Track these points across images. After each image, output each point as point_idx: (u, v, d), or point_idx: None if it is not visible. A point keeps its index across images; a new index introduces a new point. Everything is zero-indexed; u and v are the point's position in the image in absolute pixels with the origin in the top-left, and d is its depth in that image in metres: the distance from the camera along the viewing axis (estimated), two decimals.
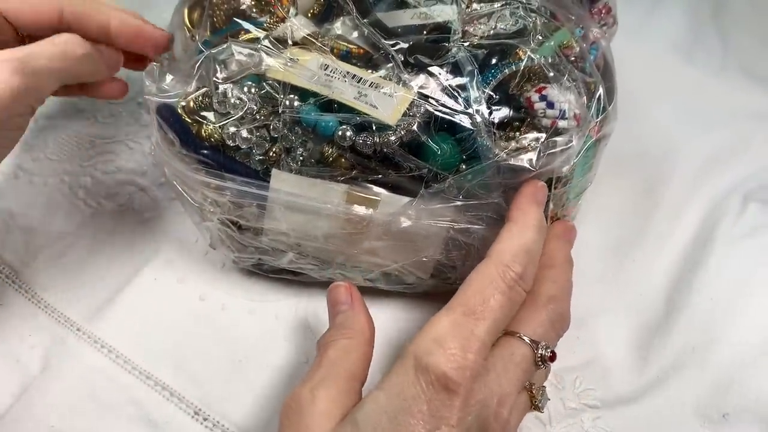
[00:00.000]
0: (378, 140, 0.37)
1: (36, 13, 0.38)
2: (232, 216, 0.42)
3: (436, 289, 0.49)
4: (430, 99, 0.38)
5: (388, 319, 0.49)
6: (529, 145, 0.38)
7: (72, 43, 0.39)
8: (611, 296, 0.52)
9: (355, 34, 0.42)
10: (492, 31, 0.41)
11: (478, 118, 0.37)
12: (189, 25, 0.44)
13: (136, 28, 0.41)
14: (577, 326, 0.50)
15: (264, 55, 0.39)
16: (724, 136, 0.63)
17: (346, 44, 0.40)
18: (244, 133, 0.38)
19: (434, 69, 0.39)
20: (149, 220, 0.53)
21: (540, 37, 0.41)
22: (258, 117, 0.38)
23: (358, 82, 0.38)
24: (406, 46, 0.40)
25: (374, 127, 0.37)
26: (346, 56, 0.40)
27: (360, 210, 0.39)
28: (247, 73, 0.38)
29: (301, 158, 0.38)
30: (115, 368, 0.45)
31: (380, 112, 0.37)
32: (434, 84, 0.38)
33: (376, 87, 0.38)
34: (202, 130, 0.39)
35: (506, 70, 0.39)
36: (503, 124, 0.38)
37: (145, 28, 0.42)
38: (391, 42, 0.40)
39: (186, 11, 0.45)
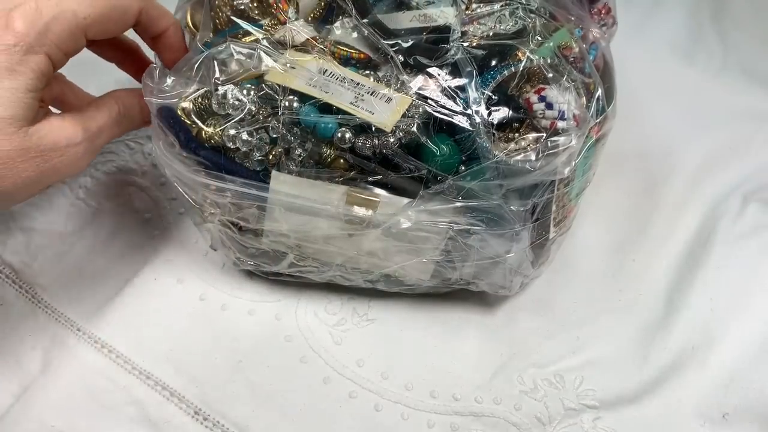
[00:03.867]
0: (377, 142, 0.37)
1: (119, 21, 0.39)
2: (232, 217, 0.42)
3: (436, 290, 0.49)
4: (429, 100, 0.38)
5: (389, 320, 0.49)
6: (528, 145, 0.38)
7: (126, 108, 0.41)
8: (611, 296, 0.52)
9: (355, 35, 0.42)
10: (491, 32, 0.41)
11: (477, 119, 0.37)
12: (191, 26, 0.44)
13: (180, 44, 0.43)
14: (577, 326, 0.50)
15: (263, 57, 0.39)
16: (724, 136, 0.63)
17: (347, 49, 0.40)
18: (245, 136, 0.38)
19: (433, 70, 0.39)
20: (149, 220, 0.53)
21: (539, 38, 0.41)
22: (258, 118, 0.38)
23: (356, 86, 0.38)
24: (405, 46, 0.40)
25: (373, 129, 0.37)
26: (347, 61, 0.40)
27: (360, 211, 0.39)
28: (247, 75, 0.39)
29: (300, 159, 0.38)
30: (115, 368, 0.46)
31: (377, 117, 0.37)
32: (433, 85, 0.38)
33: (373, 93, 0.38)
34: (203, 132, 0.39)
35: (505, 71, 0.39)
36: (502, 125, 0.38)
37: (184, 47, 0.43)
38: (391, 42, 0.40)
39: (189, 11, 0.45)
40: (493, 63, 0.40)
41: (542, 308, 0.51)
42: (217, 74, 0.39)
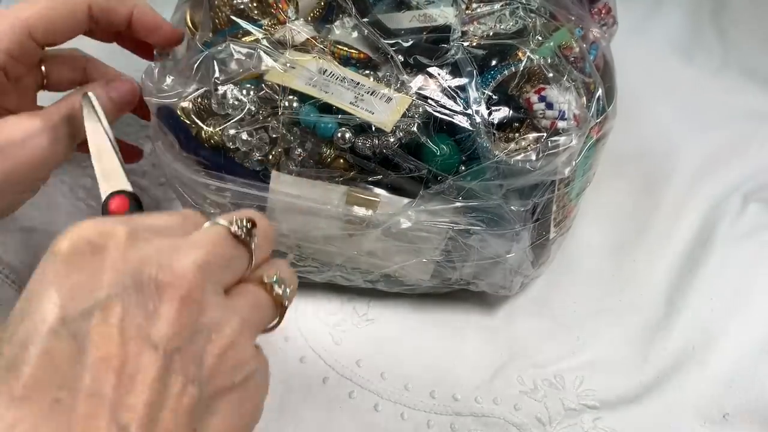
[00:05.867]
0: (377, 142, 0.37)
1: (66, 19, 0.38)
2: None
3: (436, 290, 0.49)
4: (429, 100, 0.38)
5: (388, 320, 0.49)
6: (528, 145, 0.38)
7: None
8: (611, 296, 0.52)
9: (355, 34, 0.42)
10: (492, 32, 0.41)
11: (478, 119, 0.37)
12: (191, 26, 0.44)
13: (155, 20, 0.42)
14: (577, 326, 0.50)
15: (263, 57, 0.39)
16: (724, 136, 0.63)
17: (347, 49, 0.40)
18: (245, 136, 0.38)
19: (433, 70, 0.39)
20: None
21: (540, 38, 0.41)
22: (258, 118, 0.38)
23: (356, 86, 0.38)
24: (405, 46, 0.40)
25: (373, 129, 0.37)
26: (347, 61, 0.40)
27: (360, 211, 0.39)
28: (247, 75, 0.38)
29: (300, 159, 0.38)
30: None
31: (377, 117, 0.37)
32: (433, 85, 0.38)
33: (373, 92, 0.38)
34: (202, 132, 0.39)
35: (506, 71, 0.39)
36: (503, 125, 0.38)
37: (164, 23, 0.42)
38: (391, 42, 0.40)
39: (188, 11, 0.45)
40: (494, 63, 0.40)
41: (542, 308, 0.51)
42: (217, 74, 0.39)
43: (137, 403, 0.21)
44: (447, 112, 0.38)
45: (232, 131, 0.38)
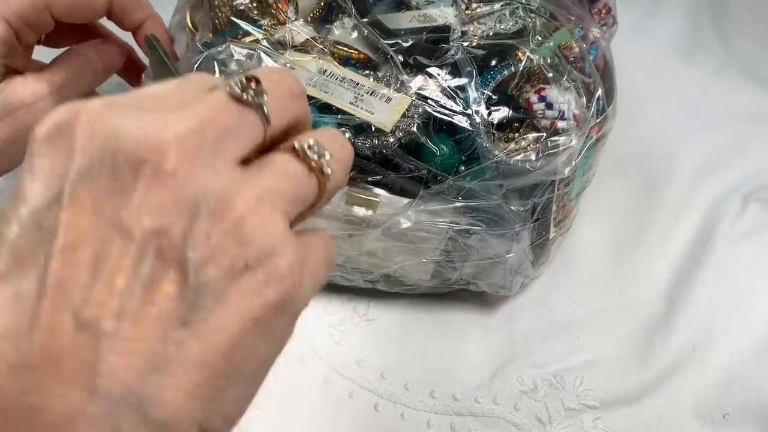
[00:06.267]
0: (377, 142, 0.37)
1: (86, 6, 0.39)
2: None
3: (436, 290, 0.49)
4: (429, 100, 0.38)
5: (389, 320, 0.49)
6: (528, 145, 0.38)
7: (86, 60, 0.40)
8: (611, 296, 0.52)
9: (355, 34, 0.42)
10: (491, 32, 0.41)
11: (477, 119, 0.37)
12: (191, 27, 0.44)
13: (164, 35, 0.43)
14: (577, 326, 0.50)
15: (263, 57, 0.39)
16: (724, 136, 0.63)
17: (347, 49, 0.40)
18: None
19: (433, 70, 0.39)
20: None
21: (539, 38, 0.41)
22: None
23: (356, 86, 0.38)
24: (405, 46, 0.40)
25: (373, 129, 0.37)
26: (347, 61, 0.40)
27: (360, 211, 0.39)
28: None
29: None
30: None
31: (376, 117, 0.37)
32: (433, 85, 0.39)
33: (372, 93, 0.38)
34: None
35: (505, 71, 0.39)
36: (502, 125, 0.39)
37: (169, 38, 0.43)
38: (391, 42, 0.40)
39: (188, 12, 0.45)
40: (493, 63, 0.40)
41: (542, 308, 0.51)
42: (217, 74, 0.39)
43: (102, 296, 0.19)
44: (447, 112, 0.38)
45: None
